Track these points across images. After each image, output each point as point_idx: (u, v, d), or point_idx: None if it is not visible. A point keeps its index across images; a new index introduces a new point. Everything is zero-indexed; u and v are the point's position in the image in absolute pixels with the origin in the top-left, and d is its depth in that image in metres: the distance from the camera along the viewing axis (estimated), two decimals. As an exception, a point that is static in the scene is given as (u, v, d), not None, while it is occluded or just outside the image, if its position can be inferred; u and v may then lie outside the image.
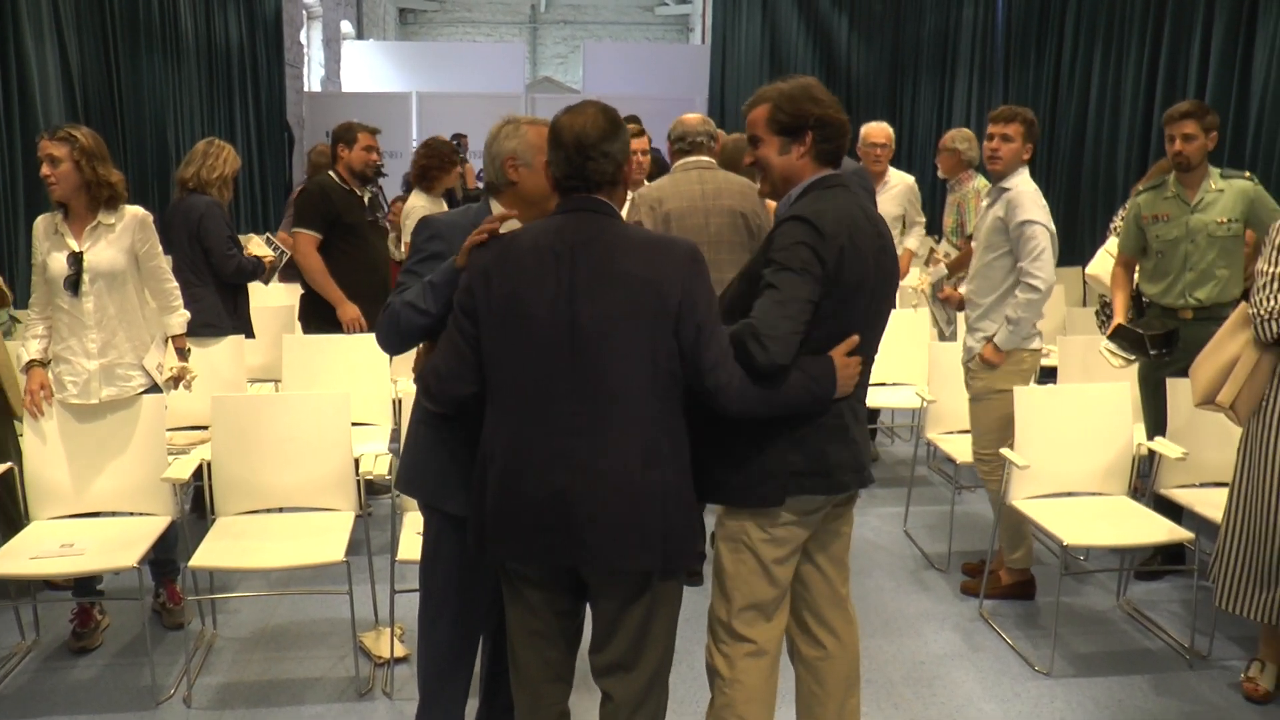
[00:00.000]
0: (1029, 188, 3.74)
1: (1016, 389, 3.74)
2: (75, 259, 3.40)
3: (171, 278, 3.72)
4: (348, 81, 15.32)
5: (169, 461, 3.54)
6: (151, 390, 3.60)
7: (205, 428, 3.94)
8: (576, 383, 2.10)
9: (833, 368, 2.24)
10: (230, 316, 4.63)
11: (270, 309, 5.37)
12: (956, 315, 5.33)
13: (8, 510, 3.58)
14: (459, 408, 2.27)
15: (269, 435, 3.52)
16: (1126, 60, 7.33)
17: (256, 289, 5.28)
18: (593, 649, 2.30)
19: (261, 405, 3.63)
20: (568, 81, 19.74)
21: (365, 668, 3.44)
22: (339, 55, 15.68)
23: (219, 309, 4.57)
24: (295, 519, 3.53)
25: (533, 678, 2.32)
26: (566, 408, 2.11)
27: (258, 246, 4.77)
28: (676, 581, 2.29)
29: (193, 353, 3.88)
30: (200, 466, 3.55)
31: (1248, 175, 3.97)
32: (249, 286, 4.84)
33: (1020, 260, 3.68)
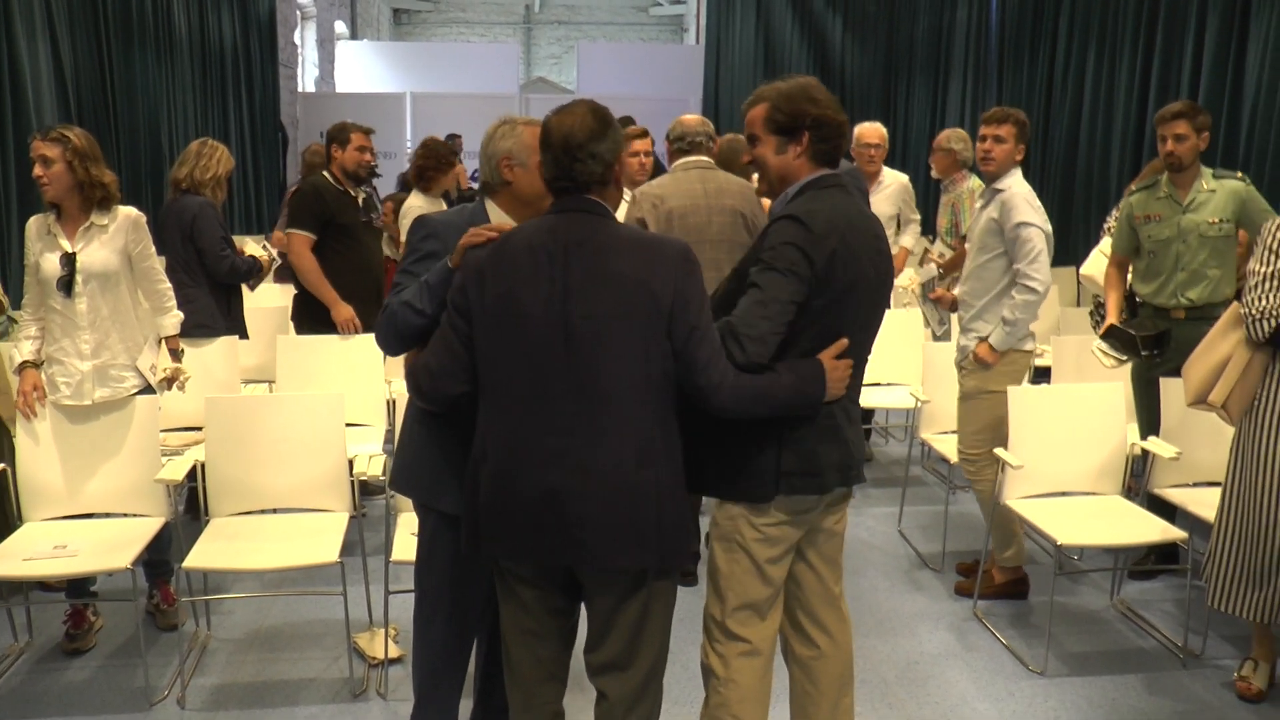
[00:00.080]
0: (1023, 189, 3.75)
1: (1011, 389, 3.75)
2: (68, 260, 3.39)
3: (165, 278, 3.71)
4: (342, 82, 15.30)
5: (163, 462, 3.54)
6: (145, 391, 3.60)
7: (199, 429, 3.94)
8: (570, 382, 2.10)
9: (822, 370, 2.25)
10: (224, 317, 4.63)
11: (264, 310, 5.37)
12: (950, 316, 5.33)
13: (1, 512, 3.58)
14: (450, 406, 2.28)
15: (263, 436, 3.52)
16: (1120, 61, 7.35)
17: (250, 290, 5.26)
18: (588, 648, 2.30)
19: (255, 406, 3.63)
20: (562, 82, 19.73)
21: (360, 669, 3.43)
22: (333, 55, 15.67)
23: (213, 309, 4.57)
24: (289, 520, 3.53)
25: (526, 677, 2.33)
26: (560, 407, 2.11)
27: (254, 248, 4.76)
28: (670, 581, 2.29)
29: (186, 353, 3.87)
30: (194, 467, 3.56)
31: (1239, 176, 3.99)
32: (242, 287, 4.84)
33: (1017, 262, 3.69)
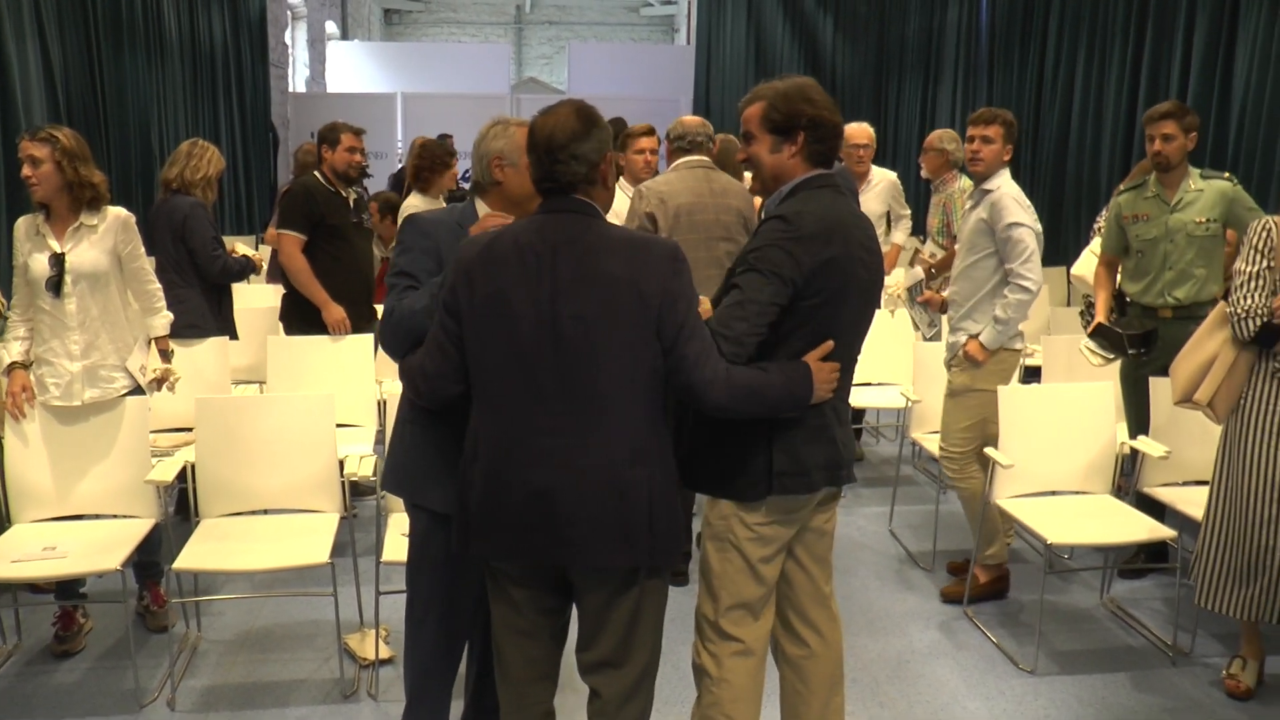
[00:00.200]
0: (1012, 189, 3.77)
1: (1001, 388, 3.76)
2: (57, 260, 3.38)
3: (154, 279, 3.70)
4: (332, 82, 15.27)
5: (152, 463, 3.52)
6: (135, 392, 3.58)
7: (189, 429, 3.92)
8: (560, 382, 2.10)
9: (810, 372, 2.26)
10: (215, 317, 4.61)
11: (255, 310, 5.35)
12: (940, 318, 5.34)
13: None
14: (449, 405, 2.28)
15: (253, 437, 3.51)
16: (1110, 62, 7.38)
17: (241, 290, 5.25)
18: (579, 647, 2.30)
19: (246, 407, 3.62)
20: (553, 82, 19.74)
21: (350, 670, 3.43)
22: (324, 56, 15.63)
23: (203, 310, 4.55)
24: (280, 521, 3.52)
25: (517, 676, 2.32)
26: (551, 407, 2.11)
27: (244, 250, 4.75)
28: (662, 579, 2.29)
29: (176, 354, 3.87)
30: (184, 468, 3.54)
31: (1227, 176, 4.01)
32: (233, 288, 4.82)
33: (1009, 263, 3.71)
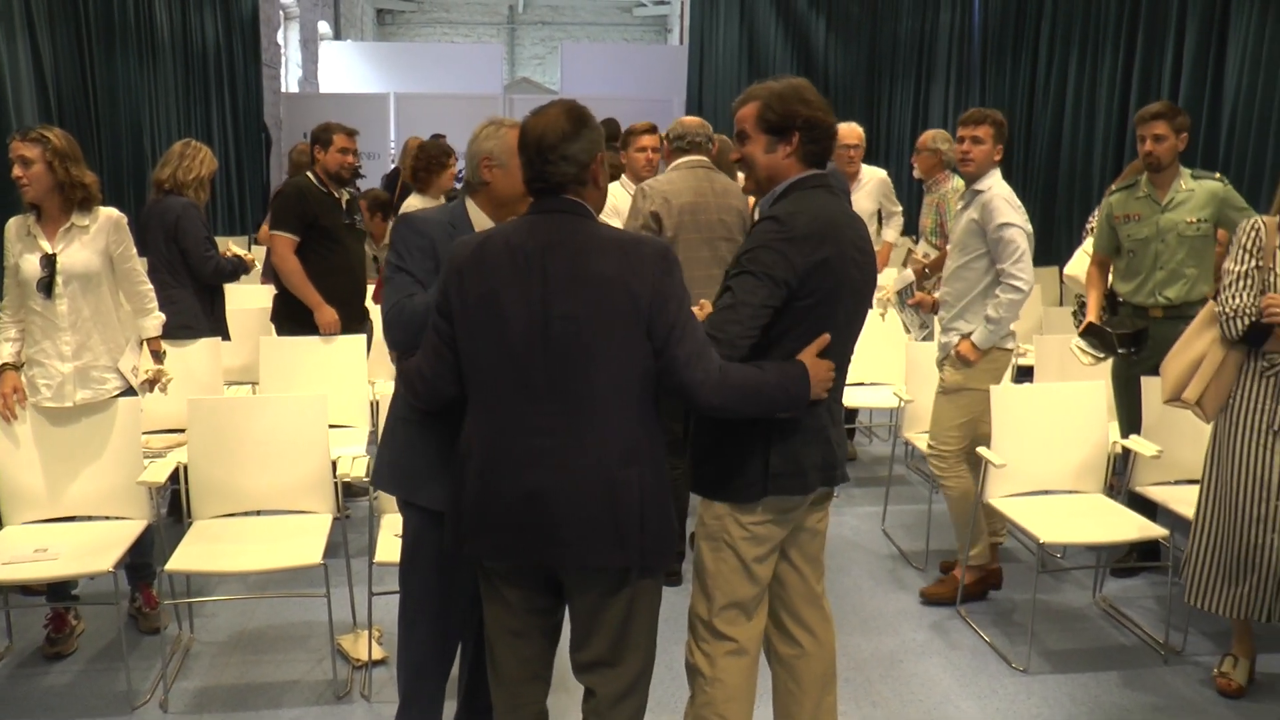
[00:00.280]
0: (1002, 189, 3.78)
1: (993, 388, 3.77)
2: (48, 261, 3.37)
3: (146, 280, 3.69)
4: (325, 82, 15.23)
5: (145, 465, 3.52)
6: (127, 393, 3.57)
7: (181, 430, 3.92)
8: (552, 382, 2.10)
9: (806, 371, 2.26)
10: (207, 318, 4.61)
11: (247, 311, 5.33)
12: (931, 319, 5.35)
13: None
14: (448, 406, 2.28)
15: (246, 438, 3.51)
16: (1101, 63, 7.40)
17: (233, 291, 5.24)
18: (573, 647, 2.30)
19: (238, 408, 3.61)
20: (546, 82, 19.70)
21: (343, 670, 3.42)
22: (316, 56, 15.60)
23: (196, 310, 4.55)
24: (272, 522, 3.51)
25: (511, 676, 2.32)
26: (542, 407, 2.11)
27: (238, 247, 4.75)
28: (655, 579, 2.29)
29: (169, 355, 3.85)
30: (176, 469, 3.54)
31: (1218, 176, 4.03)
32: (225, 288, 4.81)
33: (1001, 263, 3.71)
